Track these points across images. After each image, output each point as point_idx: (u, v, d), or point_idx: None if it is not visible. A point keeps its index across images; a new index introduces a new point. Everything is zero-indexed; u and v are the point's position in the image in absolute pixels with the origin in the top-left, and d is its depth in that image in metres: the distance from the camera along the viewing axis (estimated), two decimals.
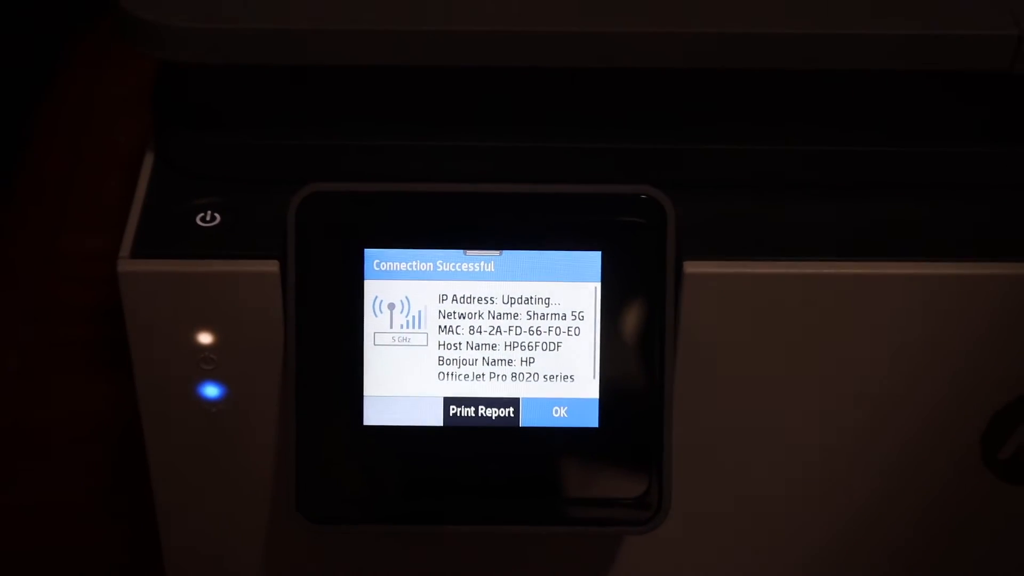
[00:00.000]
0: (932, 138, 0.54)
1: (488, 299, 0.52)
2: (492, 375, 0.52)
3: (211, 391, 0.54)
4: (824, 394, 0.54)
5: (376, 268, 0.51)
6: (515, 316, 0.52)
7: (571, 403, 0.52)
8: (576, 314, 0.52)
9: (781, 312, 0.52)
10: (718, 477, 0.56)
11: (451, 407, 0.52)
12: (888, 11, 0.51)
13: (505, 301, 0.52)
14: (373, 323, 0.52)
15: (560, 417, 0.52)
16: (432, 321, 0.52)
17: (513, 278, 0.52)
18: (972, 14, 0.51)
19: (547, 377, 0.52)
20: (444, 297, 0.52)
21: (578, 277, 0.52)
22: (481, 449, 0.52)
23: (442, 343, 0.52)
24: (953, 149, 0.54)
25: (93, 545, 0.71)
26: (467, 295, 0.52)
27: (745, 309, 0.52)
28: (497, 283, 0.52)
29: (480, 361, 0.52)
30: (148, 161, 0.55)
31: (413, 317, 0.52)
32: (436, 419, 0.52)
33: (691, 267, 0.51)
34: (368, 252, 0.51)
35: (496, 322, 0.52)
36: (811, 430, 0.55)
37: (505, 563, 0.59)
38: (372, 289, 0.51)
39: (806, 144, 0.54)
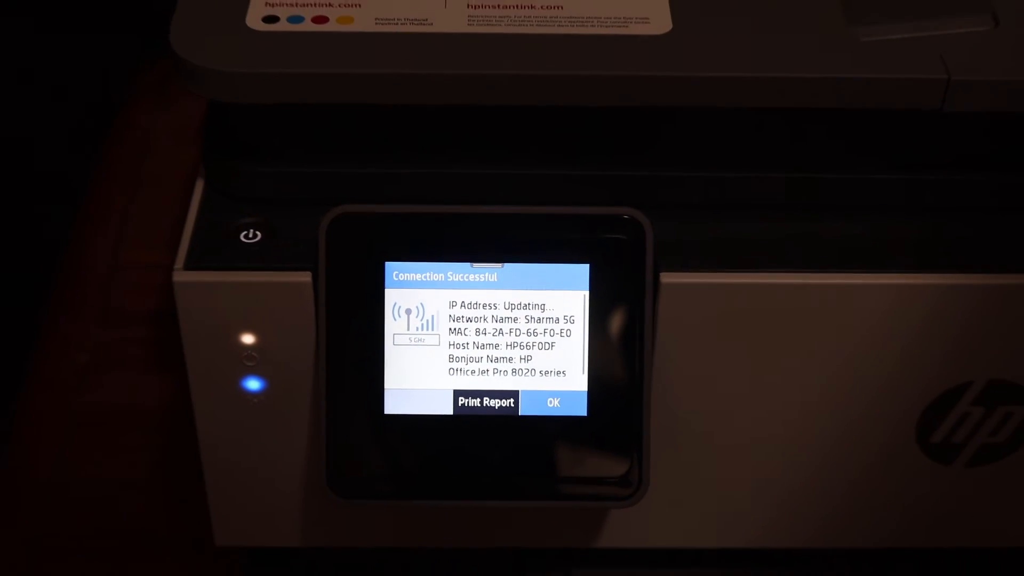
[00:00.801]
0: (878, 166, 0.53)
1: (491, 305, 0.51)
2: (495, 371, 0.51)
3: (253, 385, 0.53)
4: (782, 386, 0.54)
5: (395, 278, 0.51)
6: (515, 320, 0.51)
7: (563, 395, 0.52)
8: (567, 318, 0.51)
9: (744, 316, 0.51)
10: (690, 458, 0.56)
11: (459, 398, 0.52)
12: (840, 57, 0.50)
13: (506, 307, 0.51)
14: (392, 326, 0.51)
15: (553, 407, 0.52)
16: (443, 324, 0.51)
17: (513, 287, 0.51)
18: (908, 59, 0.50)
19: (542, 372, 0.51)
20: (453, 303, 0.51)
21: (569, 286, 0.51)
22: (485, 435, 0.52)
23: (452, 343, 0.51)
24: (894, 176, 0.54)
25: (150, 517, 0.71)
26: (473, 302, 0.51)
27: (713, 314, 0.51)
28: (499, 291, 0.51)
29: (485, 359, 0.51)
30: (199, 186, 0.54)
31: (427, 321, 0.51)
32: (447, 409, 0.52)
33: (667, 278, 0.51)
34: (388, 265, 0.51)
35: (498, 325, 0.51)
36: (772, 417, 0.54)
37: (506, 531, 0.59)
38: (392, 297, 0.51)
39: (769, 172, 0.53)
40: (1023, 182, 0.53)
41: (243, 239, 0.51)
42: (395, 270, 0.51)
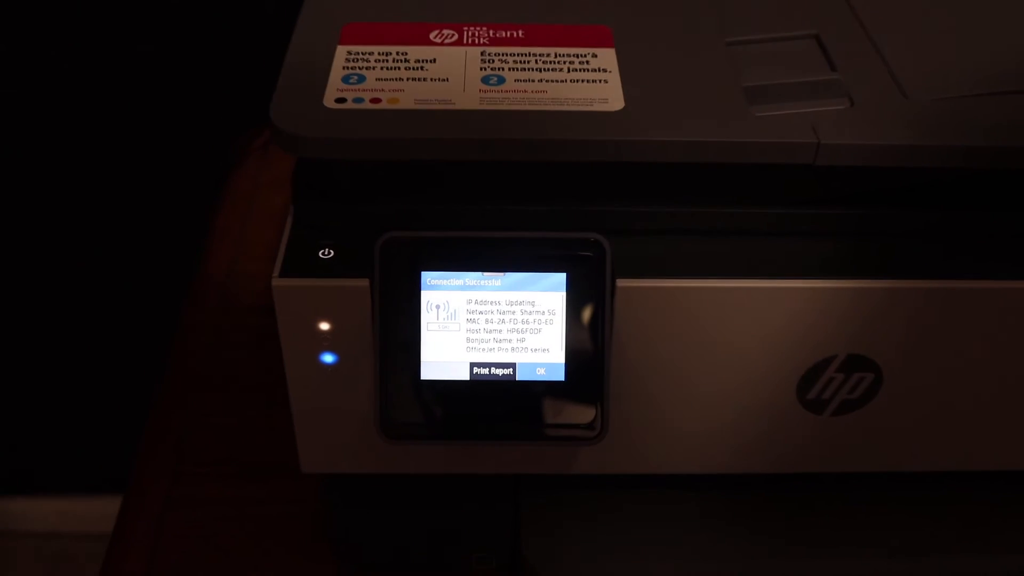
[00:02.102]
0: (771, 203, 0.54)
1: (497, 302, 0.51)
2: (499, 348, 0.51)
3: (327, 358, 0.53)
4: (702, 359, 0.54)
5: (428, 283, 0.51)
6: (513, 313, 0.51)
7: (547, 366, 0.52)
8: (551, 311, 0.51)
9: (676, 311, 0.52)
10: (638, 409, 0.55)
11: (474, 368, 0.52)
12: (742, 126, 0.51)
13: (507, 304, 0.51)
14: (426, 317, 0.51)
15: (540, 375, 0.52)
16: (462, 316, 0.51)
17: (512, 289, 0.51)
18: (790, 129, 0.51)
19: (532, 350, 0.51)
20: (470, 301, 0.51)
21: (552, 289, 0.51)
22: (492, 394, 0.52)
23: (468, 329, 0.51)
24: (782, 210, 0.54)
25: (256, 451, 0.72)
26: (484, 300, 0.51)
27: (654, 308, 0.52)
28: (502, 292, 0.51)
29: (491, 340, 0.51)
30: (289, 219, 0.54)
31: (451, 313, 0.51)
32: (464, 376, 0.52)
33: (622, 283, 0.51)
34: (424, 273, 0.51)
35: (501, 316, 0.51)
36: (696, 380, 0.54)
37: (508, 462, 0.58)
38: (426, 296, 0.51)
39: (694, 207, 0.54)
40: (869, 214, 0.53)
41: (321, 256, 0.51)
42: (428, 277, 0.51)
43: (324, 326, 0.52)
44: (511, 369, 0.51)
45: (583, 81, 0.53)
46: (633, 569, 0.58)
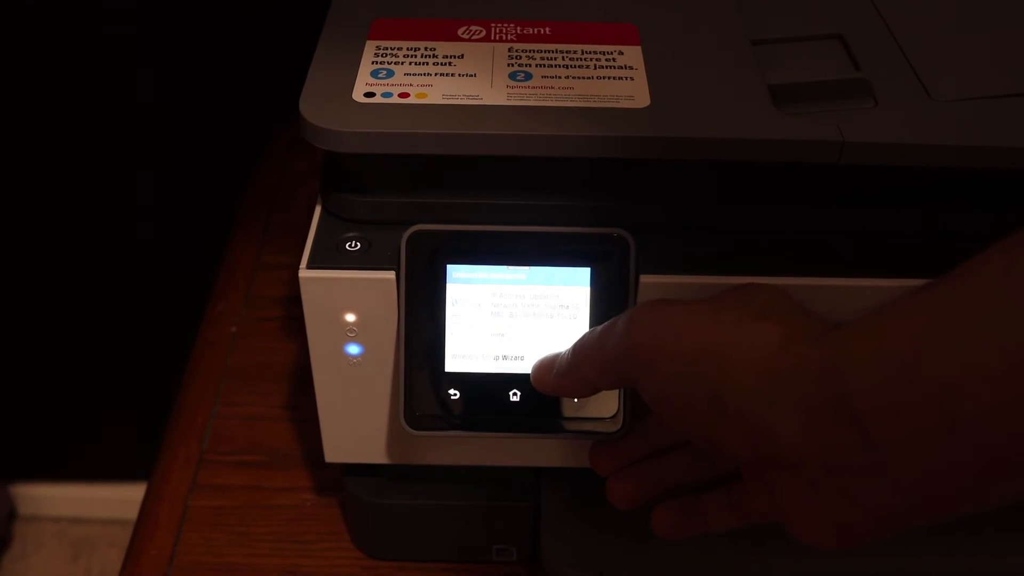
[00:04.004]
0: (795, 202, 0.53)
1: (521, 296, 0.51)
2: (523, 342, 0.51)
3: (352, 350, 0.53)
4: None
5: (453, 276, 0.51)
6: (537, 307, 0.51)
7: None
8: (575, 306, 0.51)
9: None
10: None
11: (498, 361, 0.51)
12: (771, 125, 0.50)
13: (532, 297, 0.51)
14: (451, 310, 0.51)
15: None
16: (487, 309, 0.51)
17: (537, 283, 0.51)
18: (816, 128, 0.50)
19: (556, 343, 0.51)
20: (495, 294, 0.51)
21: (576, 283, 0.51)
22: (516, 387, 0.52)
23: (493, 322, 0.51)
24: (806, 208, 0.53)
25: (280, 440, 0.72)
26: (509, 293, 0.51)
27: None
28: (527, 286, 0.51)
29: (516, 333, 0.51)
30: (317, 211, 0.54)
31: (476, 306, 0.51)
32: (489, 368, 0.52)
33: (645, 279, 0.51)
34: (449, 267, 0.51)
35: (526, 310, 0.51)
36: None
37: (530, 455, 0.58)
38: (451, 289, 0.51)
39: (719, 205, 0.53)
40: (894, 214, 0.53)
41: (347, 248, 0.51)
42: (454, 271, 0.51)
43: (350, 317, 0.52)
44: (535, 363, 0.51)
45: (609, 78, 0.53)
46: (654, 563, 0.57)
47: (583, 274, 0.50)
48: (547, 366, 0.48)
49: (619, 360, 0.43)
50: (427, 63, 0.54)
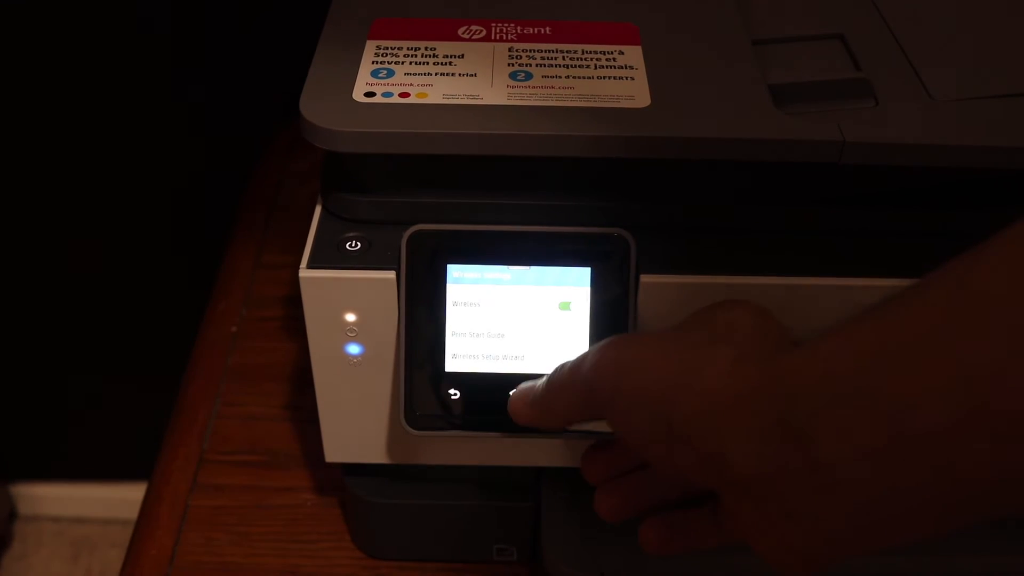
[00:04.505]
0: (795, 201, 0.53)
1: (521, 296, 0.51)
2: (524, 341, 0.51)
3: (353, 349, 0.53)
4: None
5: (454, 276, 0.51)
6: (538, 307, 0.51)
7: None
8: (575, 305, 0.51)
9: (698, 304, 0.49)
10: None
11: (499, 361, 0.51)
12: (771, 124, 0.50)
13: (532, 297, 0.51)
14: (452, 310, 0.51)
15: None
16: (488, 309, 0.51)
17: (537, 283, 0.51)
18: (817, 128, 0.50)
19: (557, 343, 0.51)
20: (495, 294, 0.51)
21: (577, 283, 0.51)
22: (516, 387, 0.50)
23: (493, 322, 0.51)
24: (807, 208, 0.53)
25: (280, 440, 0.72)
26: (509, 293, 0.51)
27: (680, 305, 0.49)
28: (527, 286, 0.51)
29: (516, 333, 0.51)
30: (317, 210, 0.54)
31: (476, 306, 0.51)
32: (489, 368, 0.51)
33: (646, 278, 0.50)
34: (449, 266, 0.51)
35: (526, 310, 0.51)
36: None
37: (528, 454, 0.58)
38: (451, 289, 0.51)
39: (718, 204, 0.53)
40: (894, 214, 0.53)
41: (348, 247, 0.51)
42: (454, 270, 0.51)
43: (350, 317, 0.52)
44: (536, 362, 0.51)
45: (610, 78, 0.53)
46: (654, 563, 0.57)
47: (583, 274, 0.50)
48: (523, 397, 0.48)
49: (586, 395, 0.43)
50: (427, 63, 0.54)
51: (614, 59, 0.54)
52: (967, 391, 0.31)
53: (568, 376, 0.44)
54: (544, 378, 0.47)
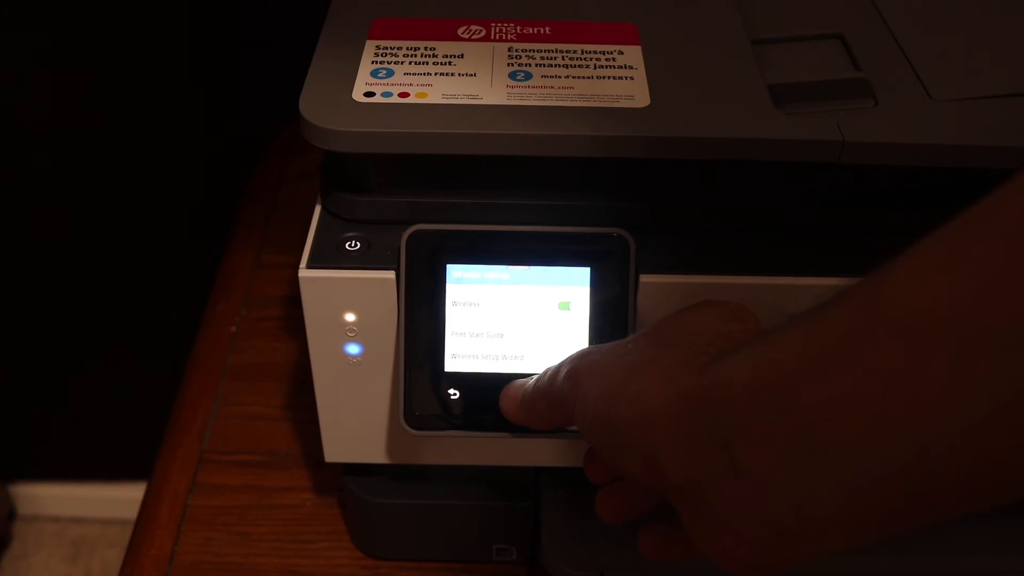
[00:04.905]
0: (794, 200, 0.53)
1: (521, 296, 0.51)
2: (523, 341, 0.51)
3: (352, 349, 0.53)
4: None
5: (453, 276, 0.51)
6: (537, 306, 0.51)
7: None
8: (575, 305, 0.51)
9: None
10: None
11: (498, 361, 0.51)
12: (770, 124, 0.50)
13: (532, 297, 0.51)
14: (451, 310, 0.51)
15: None
16: (487, 309, 0.51)
17: (537, 283, 0.51)
18: (817, 128, 0.50)
19: (556, 343, 0.51)
20: (495, 294, 0.51)
21: (576, 283, 0.51)
22: None
23: (493, 322, 0.51)
24: (807, 207, 0.53)
25: (279, 440, 0.72)
26: (508, 293, 0.51)
27: (679, 305, 0.49)
28: (527, 286, 0.51)
29: (516, 333, 0.51)
30: (317, 210, 0.54)
31: (476, 306, 0.51)
32: (489, 368, 0.51)
33: (645, 278, 0.50)
34: (449, 266, 0.51)
35: (526, 309, 0.51)
36: None
37: (527, 455, 0.58)
38: (451, 289, 0.51)
39: (718, 204, 0.53)
40: (894, 213, 0.53)
41: (347, 247, 0.51)
42: (453, 270, 0.50)
43: (349, 317, 0.51)
44: (535, 363, 0.51)
45: (609, 78, 0.53)
46: (654, 563, 0.57)
47: (583, 274, 0.50)
48: (513, 396, 0.48)
49: (559, 403, 0.45)
50: (427, 63, 0.54)
51: (613, 59, 0.54)
52: (872, 399, 0.31)
53: (547, 383, 0.46)
54: (532, 379, 0.48)
